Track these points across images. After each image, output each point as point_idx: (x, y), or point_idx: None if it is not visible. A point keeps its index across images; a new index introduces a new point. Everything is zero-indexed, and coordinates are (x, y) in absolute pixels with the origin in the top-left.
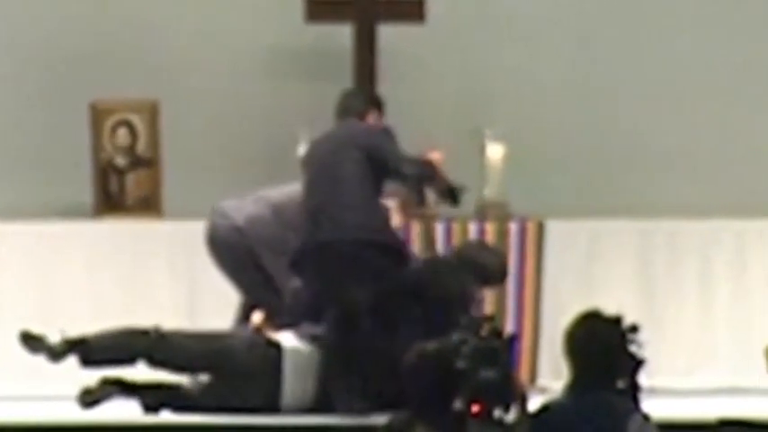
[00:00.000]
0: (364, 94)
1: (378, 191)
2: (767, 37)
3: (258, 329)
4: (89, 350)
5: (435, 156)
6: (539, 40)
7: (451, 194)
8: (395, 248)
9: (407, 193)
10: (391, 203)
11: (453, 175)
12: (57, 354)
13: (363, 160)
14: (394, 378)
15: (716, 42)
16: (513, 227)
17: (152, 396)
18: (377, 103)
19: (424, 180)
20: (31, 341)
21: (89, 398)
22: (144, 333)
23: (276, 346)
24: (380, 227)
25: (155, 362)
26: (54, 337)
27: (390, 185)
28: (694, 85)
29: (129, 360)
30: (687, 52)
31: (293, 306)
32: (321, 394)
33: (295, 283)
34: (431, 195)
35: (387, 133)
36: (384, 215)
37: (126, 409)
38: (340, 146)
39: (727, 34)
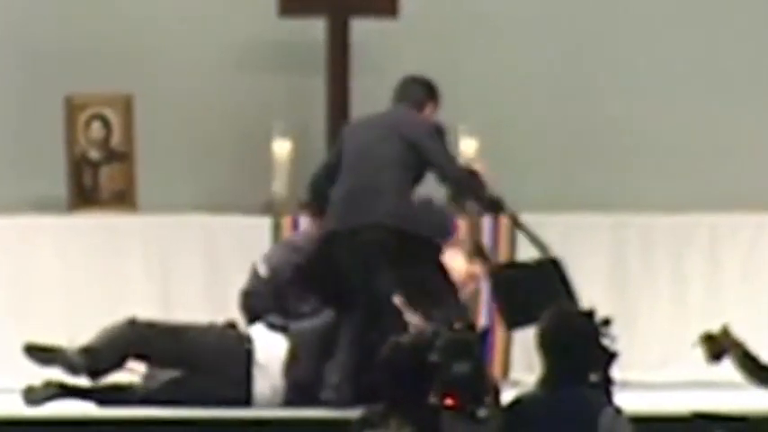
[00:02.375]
0: (424, 84)
1: (415, 184)
2: (742, 33)
3: (231, 324)
4: (97, 360)
5: (478, 165)
6: (512, 35)
7: (495, 206)
8: (425, 240)
9: (467, 241)
10: (456, 252)
11: None
12: (78, 369)
13: (404, 151)
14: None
15: (689, 38)
16: (486, 221)
17: (103, 394)
18: (435, 96)
19: (470, 189)
20: (41, 354)
21: (33, 396)
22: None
23: (247, 340)
24: (410, 215)
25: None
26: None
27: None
28: (668, 80)
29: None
30: (660, 48)
31: (263, 292)
32: (293, 387)
33: (271, 265)
34: (472, 206)
35: (437, 129)
36: (416, 204)
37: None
38: (384, 132)
39: (702, 30)
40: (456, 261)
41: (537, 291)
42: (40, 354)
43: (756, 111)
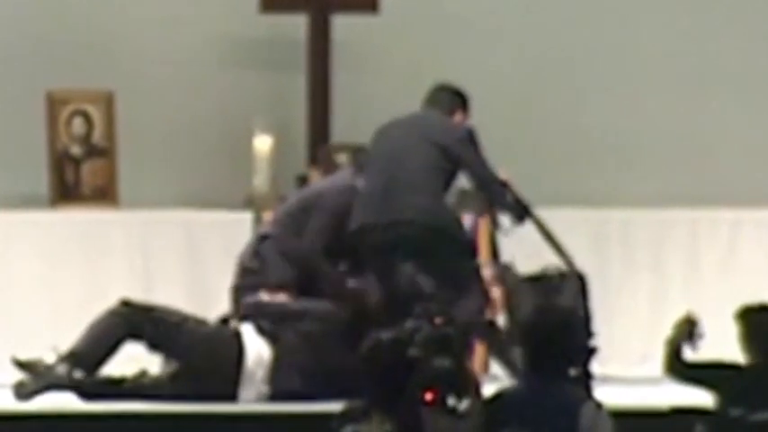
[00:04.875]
0: (455, 92)
1: (447, 187)
2: (721, 32)
3: (224, 320)
4: (83, 360)
5: (503, 176)
6: (492, 32)
7: (522, 215)
8: (459, 238)
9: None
10: (489, 273)
11: None
12: (64, 383)
13: (437, 155)
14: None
15: (668, 34)
16: (466, 217)
17: (92, 388)
18: (465, 105)
19: (503, 195)
20: (27, 368)
21: (23, 390)
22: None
23: (239, 338)
24: (445, 215)
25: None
26: (50, 358)
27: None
28: (648, 75)
29: (116, 347)
30: (639, 43)
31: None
32: (277, 397)
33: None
34: (504, 220)
35: (470, 134)
36: (450, 208)
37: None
38: (415, 135)
39: (681, 26)
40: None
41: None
42: (27, 370)
43: (735, 108)
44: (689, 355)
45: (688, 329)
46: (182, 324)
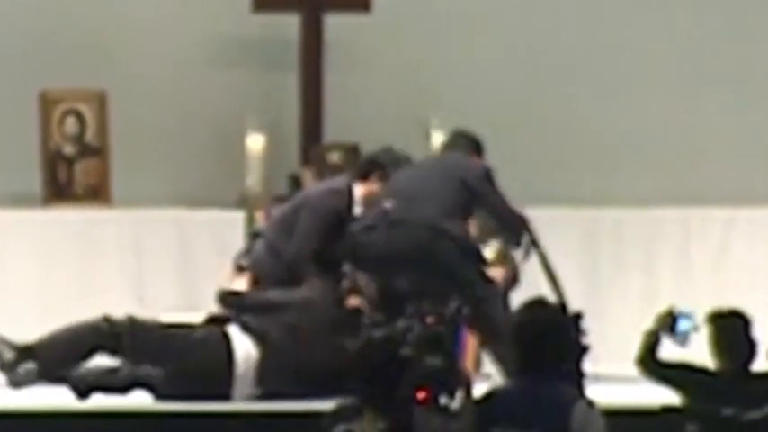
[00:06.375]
0: (472, 138)
1: (465, 216)
2: (711, 30)
3: (212, 319)
4: (43, 357)
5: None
6: (485, 31)
7: (532, 246)
8: (470, 246)
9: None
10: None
11: None
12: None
13: (458, 190)
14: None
15: (659, 35)
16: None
17: (82, 380)
18: (481, 152)
19: (518, 231)
20: None
21: (16, 379)
22: (97, 326)
23: (227, 342)
24: (458, 225)
25: (114, 350)
26: (7, 354)
27: None
28: (639, 75)
29: (86, 354)
30: (631, 44)
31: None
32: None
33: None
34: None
35: (488, 172)
36: (465, 227)
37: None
38: (437, 171)
39: (672, 27)
40: None
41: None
42: None
43: (726, 107)
44: (675, 351)
45: (669, 323)
46: (169, 332)
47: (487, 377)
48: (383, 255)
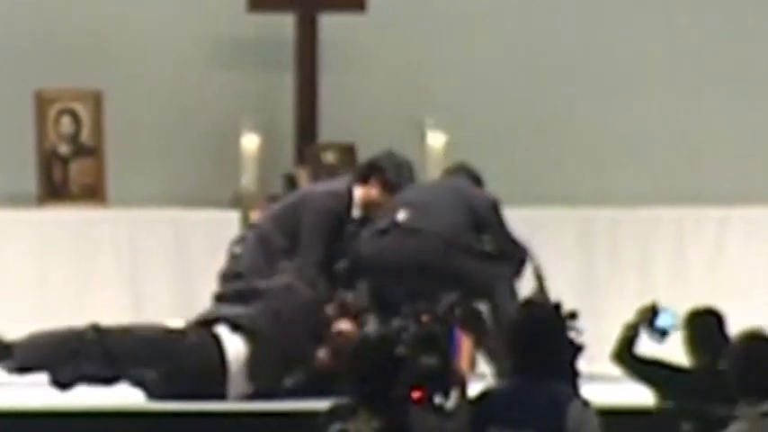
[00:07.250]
0: (472, 172)
1: (472, 238)
2: (709, 31)
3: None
4: (19, 355)
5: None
6: (480, 30)
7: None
8: (481, 253)
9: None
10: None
11: None
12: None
13: (466, 213)
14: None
15: (656, 35)
16: None
17: (64, 371)
18: (480, 183)
19: (518, 261)
20: None
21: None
22: (81, 333)
23: (218, 344)
24: (470, 239)
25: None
26: None
27: None
28: (636, 75)
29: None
30: (628, 44)
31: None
32: (259, 395)
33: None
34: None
35: (495, 203)
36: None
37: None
38: (447, 190)
39: (670, 27)
40: None
41: None
42: None
43: (721, 107)
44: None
45: (649, 317)
46: (160, 337)
47: (482, 377)
48: (395, 262)
